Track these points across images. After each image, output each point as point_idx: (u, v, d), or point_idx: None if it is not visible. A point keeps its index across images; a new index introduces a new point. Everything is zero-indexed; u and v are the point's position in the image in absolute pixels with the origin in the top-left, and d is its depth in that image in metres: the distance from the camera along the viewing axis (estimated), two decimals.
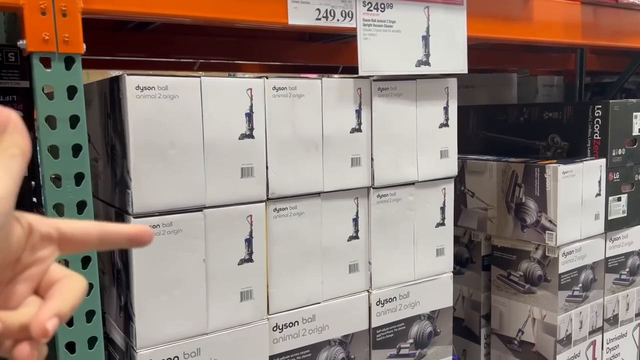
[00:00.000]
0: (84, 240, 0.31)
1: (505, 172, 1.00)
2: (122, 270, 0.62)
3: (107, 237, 0.32)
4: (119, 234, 0.32)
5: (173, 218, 0.60)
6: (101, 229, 0.31)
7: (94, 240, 0.31)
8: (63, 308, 0.28)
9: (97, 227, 0.31)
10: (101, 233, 0.31)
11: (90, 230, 0.31)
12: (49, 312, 0.28)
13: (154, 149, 0.58)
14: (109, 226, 0.32)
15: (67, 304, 0.29)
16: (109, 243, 0.32)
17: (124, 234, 0.32)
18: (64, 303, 0.29)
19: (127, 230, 0.32)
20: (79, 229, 0.31)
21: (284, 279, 0.69)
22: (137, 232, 0.32)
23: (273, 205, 0.67)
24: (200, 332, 0.62)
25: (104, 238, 0.32)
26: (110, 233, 0.32)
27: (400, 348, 0.79)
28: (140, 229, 0.32)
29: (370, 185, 0.74)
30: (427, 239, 0.81)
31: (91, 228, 0.31)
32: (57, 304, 0.28)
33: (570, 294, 0.97)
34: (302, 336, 0.70)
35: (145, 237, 0.32)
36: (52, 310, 0.28)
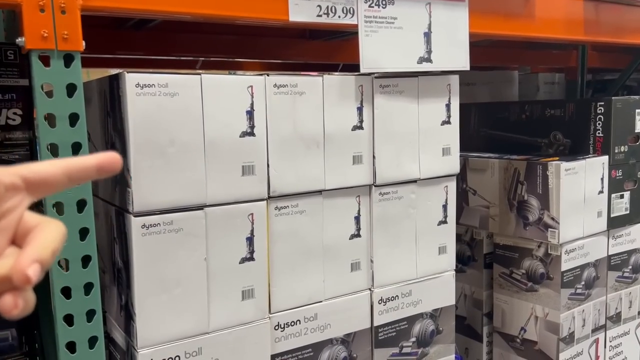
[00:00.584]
0: (51, 180, 0.30)
1: (507, 170, 0.99)
2: (123, 269, 0.61)
3: (74, 172, 0.31)
4: (85, 166, 0.31)
5: (174, 217, 0.59)
6: (66, 165, 0.31)
7: (61, 178, 0.31)
8: (43, 253, 0.28)
9: (62, 164, 0.31)
10: (67, 169, 0.31)
11: (56, 169, 0.31)
12: (28, 258, 0.27)
13: (154, 147, 0.57)
14: (74, 160, 0.31)
15: (46, 249, 0.28)
16: (78, 177, 0.32)
17: (91, 164, 0.31)
18: (43, 248, 0.28)
19: (93, 160, 0.32)
20: (43, 170, 0.30)
21: (286, 278, 0.69)
22: (103, 160, 0.32)
23: (274, 204, 0.67)
24: (201, 331, 0.62)
25: (71, 173, 0.31)
26: (77, 167, 0.31)
27: (403, 347, 0.79)
28: (105, 156, 0.32)
29: (372, 183, 0.74)
30: (429, 237, 0.80)
31: (56, 167, 0.31)
32: (35, 249, 0.28)
33: (573, 292, 0.97)
34: (303, 335, 0.70)
35: (114, 163, 0.32)
36: (31, 256, 0.27)
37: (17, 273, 0.27)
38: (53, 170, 0.31)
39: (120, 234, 0.61)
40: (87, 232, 0.54)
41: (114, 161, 0.32)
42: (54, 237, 0.29)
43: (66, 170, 0.31)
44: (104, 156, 0.32)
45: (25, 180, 0.30)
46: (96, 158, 0.32)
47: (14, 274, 0.27)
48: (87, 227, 0.54)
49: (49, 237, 0.29)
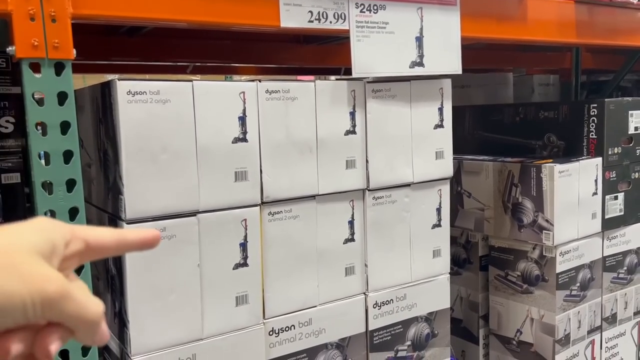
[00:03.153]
0: (105, 250, 0.33)
1: (502, 172, 0.99)
2: (116, 276, 0.61)
3: (123, 246, 0.34)
4: (134, 242, 0.34)
5: (166, 223, 0.59)
6: (119, 237, 0.33)
7: (113, 249, 0.33)
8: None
9: (117, 236, 0.33)
10: (119, 242, 0.33)
11: (112, 240, 0.33)
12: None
13: (146, 154, 0.57)
14: (125, 233, 0.34)
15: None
16: (124, 250, 0.35)
17: (138, 240, 0.34)
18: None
19: (140, 235, 0.34)
20: (102, 240, 0.33)
21: (280, 283, 0.69)
22: (148, 238, 0.34)
23: (268, 209, 0.67)
24: (195, 337, 0.62)
25: (120, 246, 0.34)
26: (128, 241, 0.34)
27: (398, 350, 0.79)
28: (150, 233, 0.35)
29: (365, 188, 0.74)
30: (424, 241, 0.80)
31: (112, 237, 0.33)
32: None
33: (568, 294, 0.97)
34: (298, 340, 0.70)
35: (156, 241, 0.35)
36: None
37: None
38: (110, 241, 0.33)
39: None
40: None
41: (157, 239, 0.35)
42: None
43: (118, 243, 0.34)
44: (150, 234, 0.35)
45: (87, 244, 0.32)
46: (143, 235, 0.34)
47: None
48: None
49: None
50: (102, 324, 0.30)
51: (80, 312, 0.29)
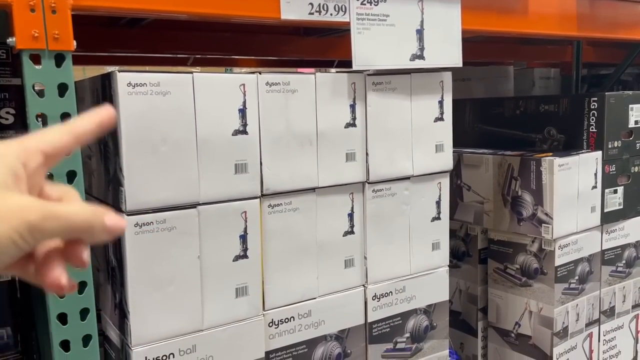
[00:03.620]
0: (65, 149, 0.33)
1: (502, 166, 1.00)
2: (117, 268, 0.62)
3: (81, 135, 0.34)
4: (89, 126, 0.34)
5: (167, 215, 0.60)
6: (74, 130, 0.33)
7: (72, 143, 0.33)
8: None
9: (70, 130, 0.33)
10: (75, 133, 0.33)
11: (67, 136, 0.33)
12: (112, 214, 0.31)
13: (147, 145, 0.57)
14: (78, 123, 0.34)
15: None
16: (85, 139, 0.34)
17: (93, 124, 0.34)
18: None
19: (94, 119, 0.34)
20: (58, 141, 0.32)
21: (280, 275, 0.69)
22: (102, 117, 0.34)
23: (267, 201, 0.67)
24: (195, 328, 0.62)
25: (79, 136, 0.34)
26: (82, 129, 0.34)
27: (397, 342, 0.79)
28: (103, 112, 0.34)
29: (365, 180, 0.74)
30: (423, 234, 0.81)
31: (66, 133, 0.33)
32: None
33: (567, 287, 0.97)
34: (298, 332, 0.70)
35: (111, 117, 0.34)
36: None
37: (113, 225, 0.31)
38: (65, 138, 0.33)
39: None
40: None
41: (110, 115, 0.34)
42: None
43: (74, 135, 0.33)
44: (102, 113, 0.34)
45: (44, 154, 0.32)
46: (95, 117, 0.34)
47: (122, 227, 0.31)
48: None
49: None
50: (98, 221, 0.30)
51: (69, 224, 0.29)
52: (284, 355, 0.69)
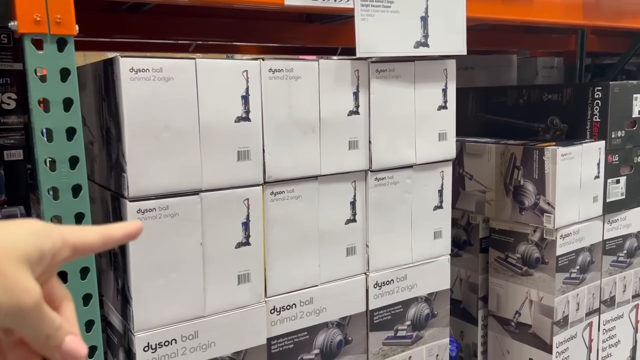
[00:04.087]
0: (91, 249, 0.34)
1: (504, 155, 0.99)
2: (119, 254, 0.62)
3: (109, 242, 0.35)
4: (119, 236, 0.35)
5: (169, 202, 0.59)
6: (104, 234, 0.34)
7: (98, 246, 0.34)
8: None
9: (101, 233, 0.34)
10: (104, 239, 0.34)
11: (97, 242, 0.34)
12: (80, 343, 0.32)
13: (149, 132, 0.57)
14: (110, 230, 0.35)
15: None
16: (110, 245, 0.36)
17: (122, 234, 0.35)
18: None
19: (124, 229, 0.36)
20: (88, 240, 0.34)
21: (282, 262, 0.69)
22: (132, 230, 0.36)
23: (270, 189, 0.67)
24: (197, 315, 0.63)
25: (106, 242, 0.35)
26: (113, 237, 0.35)
27: (398, 330, 0.79)
28: (133, 226, 0.36)
29: (367, 169, 0.74)
30: (425, 222, 0.81)
31: (97, 235, 0.34)
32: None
33: (568, 276, 0.98)
34: (299, 319, 0.70)
35: (139, 231, 0.36)
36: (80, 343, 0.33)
37: (80, 358, 0.32)
38: (96, 241, 0.34)
39: (117, 219, 0.61)
40: (83, 217, 0.54)
41: (140, 230, 0.36)
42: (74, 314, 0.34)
43: (104, 242, 0.35)
44: (133, 227, 0.36)
45: (74, 250, 0.33)
46: (127, 229, 0.36)
47: (77, 355, 0.32)
48: (82, 212, 0.54)
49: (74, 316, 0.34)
50: (63, 345, 0.31)
51: (44, 330, 0.30)
52: (286, 342, 0.70)
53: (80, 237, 0.33)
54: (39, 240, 0.30)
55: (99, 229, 0.35)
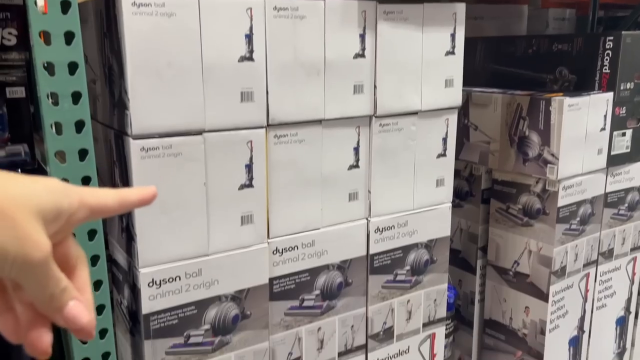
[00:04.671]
0: (106, 214, 0.35)
1: (510, 105, 0.98)
2: None
3: (125, 205, 0.36)
4: (134, 200, 0.36)
5: (172, 141, 0.59)
6: (121, 198, 0.35)
7: (113, 212, 0.35)
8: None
9: (119, 196, 0.35)
10: (121, 202, 0.35)
11: (113, 204, 0.35)
12: (90, 316, 0.33)
13: (152, 68, 0.56)
14: (127, 195, 0.36)
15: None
16: (124, 210, 0.37)
17: (137, 198, 0.37)
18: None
19: (140, 194, 0.37)
20: (104, 203, 0.34)
21: (284, 205, 0.69)
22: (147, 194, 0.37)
23: (273, 132, 0.66)
24: (201, 253, 0.64)
25: (123, 206, 0.36)
26: (128, 201, 0.36)
27: (397, 274, 0.81)
28: (148, 191, 0.37)
29: (372, 114, 0.73)
30: (428, 170, 0.81)
31: (114, 201, 0.35)
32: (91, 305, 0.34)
33: (568, 227, 0.98)
34: (301, 260, 0.72)
35: (154, 196, 0.37)
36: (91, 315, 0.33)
37: (82, 325, 0.32)
38: (112, 204, 0.35)
39: (120, 157, 0.61)
40: (87, 153, 0.54)
41: (154, 195, 0.37)
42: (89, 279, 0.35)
43: (120, 204, 0.35)
44: (149, 191, 0.37)
45: (91, 211, 0.33)
46: (142, 194, 0.37)
47: (79, 322, 0.32)
48: (86, 148, 0.54)
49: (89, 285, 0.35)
50: (65, 309, 0.31)
51: (49, 288, 0.30)
52: (287, 282, 0.71)
53: (97, 199, 0.33)
54: (57, 198, 0.30)
55: (116, 192, 0.35)
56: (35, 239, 0.28)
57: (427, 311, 0.86)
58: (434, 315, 0.87)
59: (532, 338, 1.02)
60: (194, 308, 0.63)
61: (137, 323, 0.63)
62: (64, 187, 0.31)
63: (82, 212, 0.32)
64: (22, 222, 0.28)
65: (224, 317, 0.66)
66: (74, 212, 0.31)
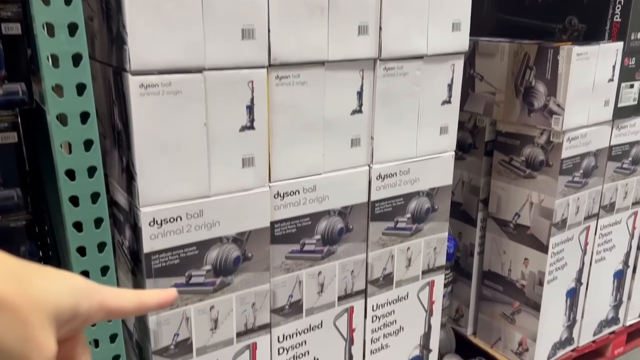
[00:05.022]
0: (124, 314, 0.34)
1: (517, 54, 0.96)
2: (123, 132, 0.61)
3: (143, 309, 0.35)
4: (152, 304, 0.35)
5: (172, 78, 0.58)
6: (140, 302, 0.35)
7: (129, 314, 0.35)
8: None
9: (138, 300, 0.35)
10: (139, 306, 0.35)
11: (131, 307, 0.34)
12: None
13: (151, 1, 0.55)
14: (146, 299, 0.35)
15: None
16: (141, 313, 0.36)
17: (156, 302, 0.36)
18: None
19: (159, 297, 0.36)
20: (123, 306, 0.33)
21: (286, 149, 0.69)
22: (167, 298, 0.36)
23: (275, 72, 0.65)
24: (202, 194, 0.63)
25: (140, 310, 0.35)
26: (147, 306, 0.35)
27: (398, 221, 0.81)
28: (168, 294, 0.36)
29: (377, 57, 0.72)
30: (432, 117, 0.79)
31: (132, 304, 0.34)
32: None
33: (570, 180, 0.98)
34: (302, 205, 0.71)
35: (173, 299, 0.37)
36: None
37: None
38: (130, 307, 0.34)
39: (119, 95, 0.60)
40: (85, 88, 0.53)
41: (174, 298, 0.37)
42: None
43: (138, 308, 0.34)
44: (168, 295, 0.36)
45: (108, 314, 0.32)
46: (161, 297, 0.36)
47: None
48: (84, 83, 0.53)
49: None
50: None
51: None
52: (289, 226, 0.71)
53: (117, 303, 0.33)
54: (77, 299, 0.30)
55: (136, 295, 0.35)
56: (40, 343, 0.28)
57: (427, 259, 0.86)
58: (433, 263, 0.87)
59: (530, 289, 1.03)
60: (195, 249, 0.64)
61: (139, 262, 0.63)
62: (86, 286, 0.31)
63: (100, 314, 0.32)
64: (33, 322, 0.27)
65: (225, 258, 0.66)
66: (91, 314, 0.31)
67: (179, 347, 0.65)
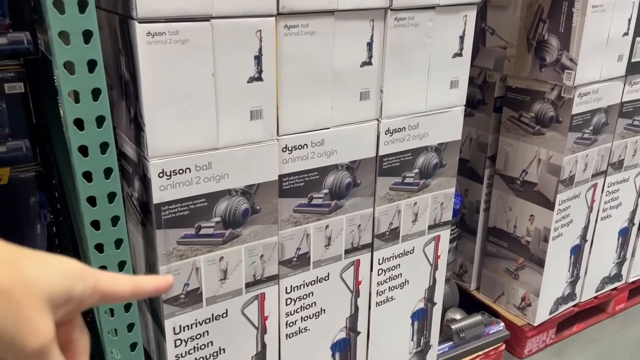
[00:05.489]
0: (117, 300, 0.34)
1: (531, 7, 0.94)
2: (130, 82, 0.60)
3: (138, 294, 0.34)
4: (148, 289, 0.35)
5: (179, 26, 0.57)
6: (135, 286, 0.34)
7: (127, 296, 0.34)
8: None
9: (133, 283, 0.34)
10: (135, 290, 0.34)
11: (126, 292, 0.33)
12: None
13: None
14: (141, 282, 0.35)
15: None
16: (139, 297, 0.35)
17: (152, 288, 0.35)
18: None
19: (155, 283, 0.35)
20: (118, 290, 0.33)
21: (294, 102, 0.68)
22: (163, 285, 0.36)
23: (283, 22, 0.64)
24: (211, 146, 0.63)
25: (136, 294, 0.34)
26: (143, 290, 0.34)
27: (406, 177, 0.81)
28: (164, 280, 0.36)
29: (388, 7, 0.70)
30: (443, 70, 0.78)
31: (127, 285, 0.34)
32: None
33: (580, 136, 0.97)
34: (310, 159, 0.71)
35: (169, 286, 0.36)
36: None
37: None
38: (126, 290, 0.33)
39: (126, 44, 0.59)
40: (92, 35, 0.52)
41: (170, 285, 0.35)
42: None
43: (133, 292, 0.34)
44: (164, 281, 0.35)
45: (103, 297, 0.32)
46: (157, 283, 0.35)
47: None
48: (90, 30, 0.52)
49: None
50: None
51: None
52: (297, 180, 0.71)
53: (112, 286, 0.32)
54: (71, 283, 0.29)
55: (132, 280, 0.34)
56: (35, 326, 0.28)
57: (434, 214, 0.86)
58: (439, 219, 0.87)
59: (535, 245, 1.03)
60: (205, 200, 0.64)
61: (149, 214, 0.63)
62: (81, 270, 0.30)
63: (94, 298, 0.32)
64: (26, 305, 0.27)
65: (234, 210, 0.66)
66: (85, 298, 0.31)
67: (189, 296, 0.66)
